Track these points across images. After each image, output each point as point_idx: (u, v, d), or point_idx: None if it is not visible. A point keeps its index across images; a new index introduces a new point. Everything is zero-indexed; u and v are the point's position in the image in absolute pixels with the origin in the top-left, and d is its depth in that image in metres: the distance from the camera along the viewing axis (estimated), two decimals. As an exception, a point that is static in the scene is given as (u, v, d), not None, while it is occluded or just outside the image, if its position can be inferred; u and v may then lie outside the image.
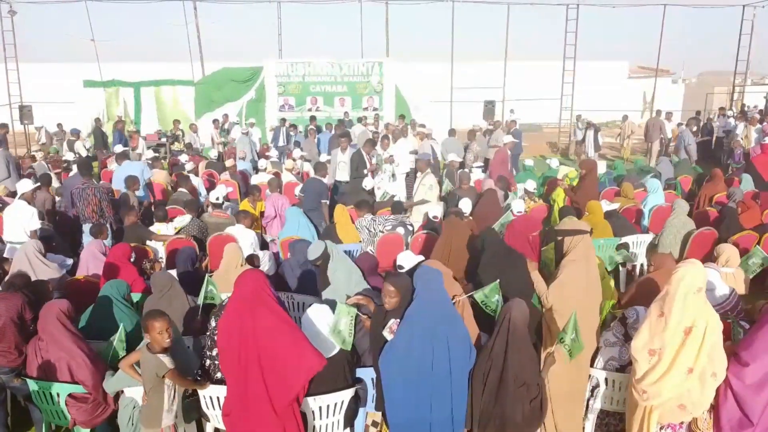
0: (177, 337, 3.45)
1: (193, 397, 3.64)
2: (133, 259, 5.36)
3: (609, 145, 17.80)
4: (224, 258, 4.83)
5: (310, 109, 18.54)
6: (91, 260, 5.33)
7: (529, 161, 11.16)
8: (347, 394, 3.51)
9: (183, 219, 6.48)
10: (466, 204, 6.38)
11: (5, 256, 5.81)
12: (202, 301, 3.79)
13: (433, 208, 7.22)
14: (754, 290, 5.63)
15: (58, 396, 3.62)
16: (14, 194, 7.68)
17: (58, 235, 6.98)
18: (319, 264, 4.70)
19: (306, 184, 8.15)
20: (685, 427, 3.15)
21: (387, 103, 18.69)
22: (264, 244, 7.07)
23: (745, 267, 5.58)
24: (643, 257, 6.91)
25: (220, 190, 7.62)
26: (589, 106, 18.94)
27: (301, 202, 7.82)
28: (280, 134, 15.47)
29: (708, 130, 16.24)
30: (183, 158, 11.22)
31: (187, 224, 6.47)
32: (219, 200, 7.01)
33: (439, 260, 4.80)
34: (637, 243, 6.85)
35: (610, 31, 48.28)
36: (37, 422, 3.87)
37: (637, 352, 3.13)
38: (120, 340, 3.74)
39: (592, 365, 3.78)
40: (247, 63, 19.28)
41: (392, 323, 3.46)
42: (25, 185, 6.51)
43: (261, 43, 52.17)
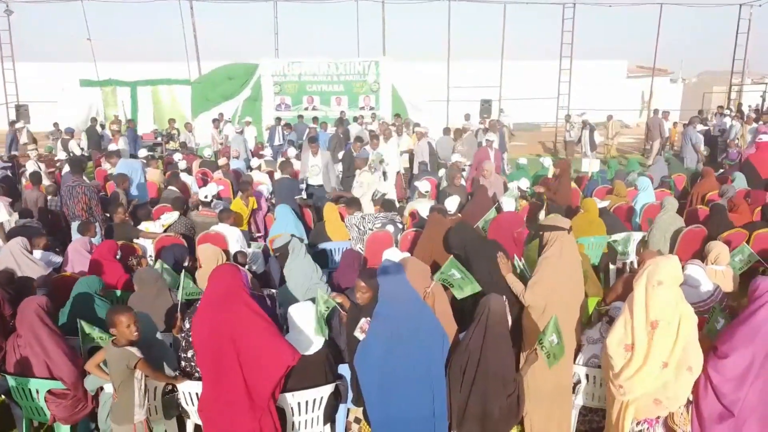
0: (152, 334, 3.44)
1: (172, 394, 3.63)
2: (119, 257, 5.38)
3: (602, 144, 17.75)
4: (203, 259, 4.80)
5: (306, 108, 18.53)
6: (77, 257, 5.32)
7: (523, 160, 11.14)
8: (326, 389, 3.50)
9: (170, 216, 6.46)
10: (452, 202, 6.34)
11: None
12: (182, 297, 3.77)
13: (423, 207, 7.21)
14: (744, 288, 5.62)
15: (37, 392, 3.61)
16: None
17: (49, 234, 6.99)
18: (277, 256, 4.70)
19: (276, 184, 8.07)
20: (661, 422, 3.13)
21: (384, 102, 18.69)
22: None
23: (732, 264, 5.57)
24: (633, 255, 6.91)
25: (210, 189, 7.60)
26: (587, 106, 18.92)
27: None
28: (275, 133, 15.47)
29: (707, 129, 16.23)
30: (177, 157, 11.24)
31: (175, 222, 6.46)
32: (207, 198, 6.95)
33: (420, 257, 4.79)
34: (627, 240, 6.84)
35: (608, 30, 48.28)
36: (17, 419, 3.85)
37: (611, 348, 3.12)
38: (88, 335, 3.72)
39: (574, 362, 3.77)
40: (244, 62, 19.26)
41: (363, 323, 3.43)
42: None
43: (257, 43, 52.28)
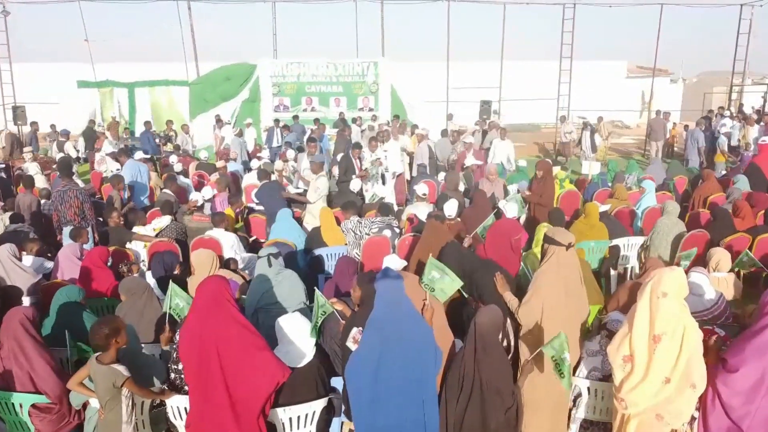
0: (136, 348, 3.34)
1: (160, 408, 3.53)
2: (110, 263, 5.27)
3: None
4: (196, 265, 4.69)
5: (305, 110, 18.42)
6: (67, 264, 5.20)
7: (523, 162, 11.03)
8: (319, 404, 3.39)
9: (161, 221, 6.34)
10: (451, 206, 6.22)
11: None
12: (168, 310, 3.65)
13: (421, 211, 7.10)
14: (747, 294, 5.54)
15: (21, 407, 3.50)
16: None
17: (43, 238, 6.87)
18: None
19: (260, 191, 7.91)
20: (665, 439, 3.03)
21: (383, 104, 18.57)
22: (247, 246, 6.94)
23: (739, 265, 5.69)
24: (634, 260, 6.80)
25: (204, 192, 7.51)
26: (587, 106, 18.82)
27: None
28: (273, 135, 15.36)
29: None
30: (173, 159, 11.13)
31: (167, 226, 6.34)
32: (200, 203, 6.80)
33: (418, 264, 4.70)
34: (628, 245, 6.74)
35: (608, 30, 48.11)
36: (1, 433, 3.76)
37: (611, 357, 3.05)
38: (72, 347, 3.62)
39: (574, 374, 3.66)
40: (242, 63, 19.14)
41: (355, 333, 3.35)
42: None
43: (256, 44, 52.26)
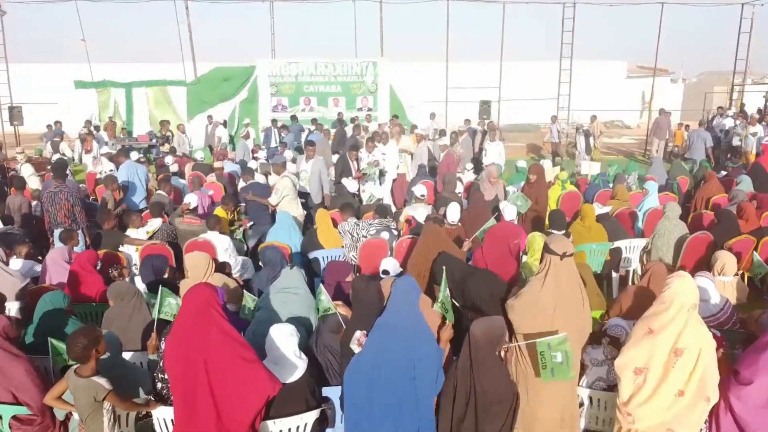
0: (118, 356, 3.20)
1: (146, 419, 3.40)
2: (99, 267, 5.14)
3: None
4: (190, 267, 4.55)
5: (303, 110, 18.29)
6: (55, 268, 5.05)
7: (522, 163, 10.86)
8: (310, 416, 3.25)
9: (153, 223, 6.21)
10: (453, 211, 6.05)
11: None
12: (157, 315, 3.52)
13: (420, 213, 6.97)
14: (753, 299, 5.43)
15: (1, 418, 3.37)
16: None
17: (34, 241, 6.74)
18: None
19: (242, 191, 7.79)
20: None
21: (381, 104, 18.45)
22: (241, 248, 6.80)
23: (760, 269, 5.79)
24: (636, 262, 6.67)
25: (195, 196, 7.36)
26: (587, 106, 18.69)
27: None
28: (271, 135, 15.24)
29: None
30: (168, 160, 10.99)
31: (159, 229, 6.20)
32: (192, 205, 6.59)
33: (416, 268, 4.56)
34: (630, 248, 6.60)
35: (608, 30, 47.95)
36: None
37: (621, 369, 2.90)
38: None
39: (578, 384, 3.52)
40: (240, 63, 19.04)
41: (359, 336, 3.28)
42: None
43: (254, 43, 51.96)
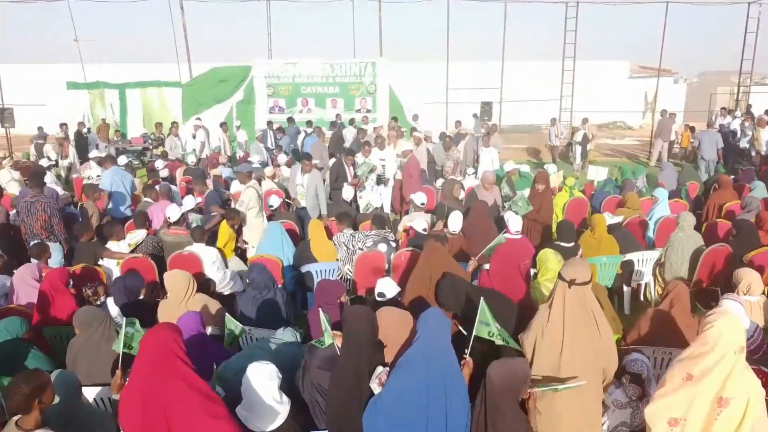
0: (75, 401, 2.82)
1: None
2: (72, 284, 4.74)
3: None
4: (170, 288, 4.16)
5: (300, 111, 17.92)
6: (23, 287, 4.61)
7: (525, 167, 10.40)
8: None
9: (136, 234, 5.81)
10: (456, 220, 5.67)
11: None
12: (122, 348, 3.13)
13: (419, 222, 6.59)
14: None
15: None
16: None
17: (12, 254, 6.35)
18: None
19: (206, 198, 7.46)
20: None
21: (380, 105, 18.07)
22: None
23: None
24: (649, 276, 6.29)
25: (187, 202, 6.99)
26: (590, 107, 18.36)
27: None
28: (267, 138, 14.87)
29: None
30: (159, 164, 10.59)
31: (143, 241, 5.81)
32: (172, 220, 6.11)
33: (418, 286, 4.19)
34: (642, 260, 6.21)
35: (611, 30, 47.52)
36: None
37: (653, 419, 2.52)
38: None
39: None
40: (236, 64, 18.66)
41: (381, 373, 2.99)
42: None
43: (250, 44, 51.62)
